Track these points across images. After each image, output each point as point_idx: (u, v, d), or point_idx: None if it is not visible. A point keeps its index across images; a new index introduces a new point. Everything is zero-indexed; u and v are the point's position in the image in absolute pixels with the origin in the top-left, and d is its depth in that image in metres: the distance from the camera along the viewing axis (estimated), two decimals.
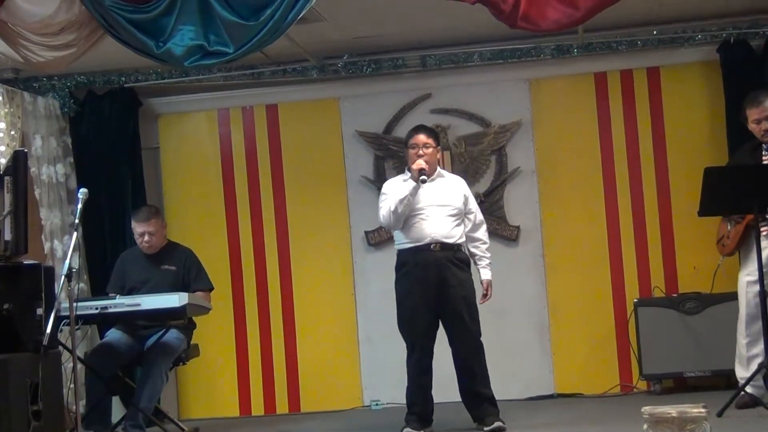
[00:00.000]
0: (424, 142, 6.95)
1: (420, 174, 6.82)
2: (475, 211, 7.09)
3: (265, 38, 6.35)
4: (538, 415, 7.62)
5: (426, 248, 6.84)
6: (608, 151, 8.58)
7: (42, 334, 5.54)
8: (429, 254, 6.83)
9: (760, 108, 6.95)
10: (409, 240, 6.92)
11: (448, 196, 6.95)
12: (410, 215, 6.87)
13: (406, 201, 6.81)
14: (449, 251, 6.86)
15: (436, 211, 6.87)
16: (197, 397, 8.96)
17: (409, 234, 6.91)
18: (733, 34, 8.21)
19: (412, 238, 6.90)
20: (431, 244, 6.83)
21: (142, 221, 7.55)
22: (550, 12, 6.05)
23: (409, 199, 6.82)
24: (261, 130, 9.02)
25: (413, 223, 6.88)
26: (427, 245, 6.83)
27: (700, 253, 8.16)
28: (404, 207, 6.82)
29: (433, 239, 6.82)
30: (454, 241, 6.89)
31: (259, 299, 8.93)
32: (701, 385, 8.02)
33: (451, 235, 6.87)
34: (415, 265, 6.89)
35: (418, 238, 6.87)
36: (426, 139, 6.97)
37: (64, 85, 8.64)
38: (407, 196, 6.81)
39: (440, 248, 6.83)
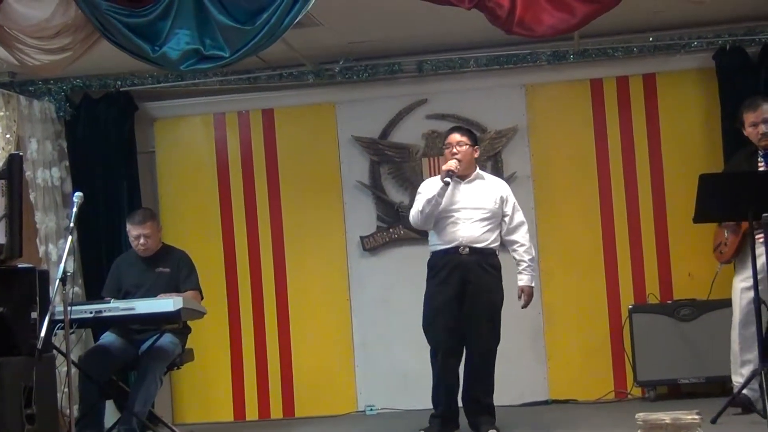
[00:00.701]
0: (457, 141, 6.95)
1: (447, 174, 6.81)
2: (510, 213, 7.03)
3: (261, 42, 6.35)
4: (533, 422, 7.62)
5: (454, 251, 6.84)
6: (604, 157, 8.59)
7: (36, 338, 5.52)
8: (457, 257, 6.83)
9: (758, 111, 6.97)
10: (441, 242, 6.92)
11: (482, 199, 6.94)
12: (442, 217, 6.88)
13: (433, 201, 6.82)
14: (479, 255, 6.85)
15: (468, 214, 6.87)
16: (191, 402, 8.95)
17: (440, 236, 6.92)
18: (729, 42, 8.23)
19: (443, 240, 6.90)
20: (459, 247, 6.83)
21: (137, 224, 7.55)
22: (546, 18, 6.06)
23: (437, 200, 6.82)
24: (257, 134, 9.02)
25: (444, 225, 6.89)
26: (455, 248, 6.84)
27: (695, 259, 8.17)
28: (432, 207, 6.82)
29: (462, 243, 6.82)
30: (485, 246, 6.87)
31: (254, 303, 8.92)
32: (695, 392, 8.02)
33: (481, 240, 6.86)
34: (442, 268, 6.89)
35: (448, 241, 6.87)
36: (460, 138, 6.97)
37: (60, 89, 8.63)
38: (434, 196, 6.82)
39: (469, 252, 6.82)
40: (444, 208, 6.86)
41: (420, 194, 7.00)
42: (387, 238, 8.76)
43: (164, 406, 8.60)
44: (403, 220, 8.65)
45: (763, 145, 6.98)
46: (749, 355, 6.89)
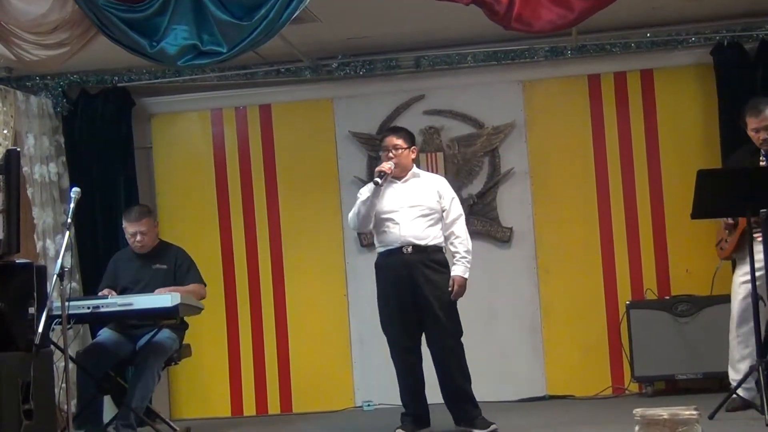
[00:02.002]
0: (393, 144, 6.94)
1: (378, 175, 6.80)
2: (448, 207, 6.94)
3: (259, 38, 6.35)
4: (530, 417, 7.62)
5: (398, 251, 6.81)
6: (601, 153, 8.59)
7: (34, 333, 5.52)
8: (401, 257, 6.80)
9: (760, 118, 6.96)
10: (383, 244, 6.91)
11: (419, 197, 6.90)
12: (382, 219, 6.86)
13: (368, 203, 6.81)
14: (422, 253, 6.80)
15: (407, 213, 6.83)
16: (189, 397, 8.95)
17: (382, 238, 6.91)
18: (727, 37, 8.23)
19: (385, 241, 6.88)
20: (403, 246, 6.79)
21: (133, 221, 7.55)
22: (544, 13, 6.06)
23: (371, 201, 6.80)
24: (254, 130, 9.01)
25: (385, 226, 6.87)
26: (399, 248, 6.80)
27: (692, 255, 8.18)
28: (367, 208, 6.82)
29: (405, 241, 6.79)
30: (428, 243, 6.82)
31: (252, 299, 8.92)
32: (693, 388, 8.03)
33: (423, 237, 6.81)
34: (387, 269, 6.87)
35: (390, 242, 6.85)
36: (396, 141, 6.95)
37: (57, 84, 8.63)
38: (368, 197, 6.81)
39: (413, 250, 6.79)
40: (383, 209, 6.85)
41: (359, 198, 6.98)
42: None
43: (162, 401, 8.60)
44: None
45: (765, 149, 6.99)
46: (746, 351, 6.90)
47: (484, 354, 8.19)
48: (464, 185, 8.65)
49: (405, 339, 6.88)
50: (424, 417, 6.94)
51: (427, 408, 6.96)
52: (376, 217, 6.88)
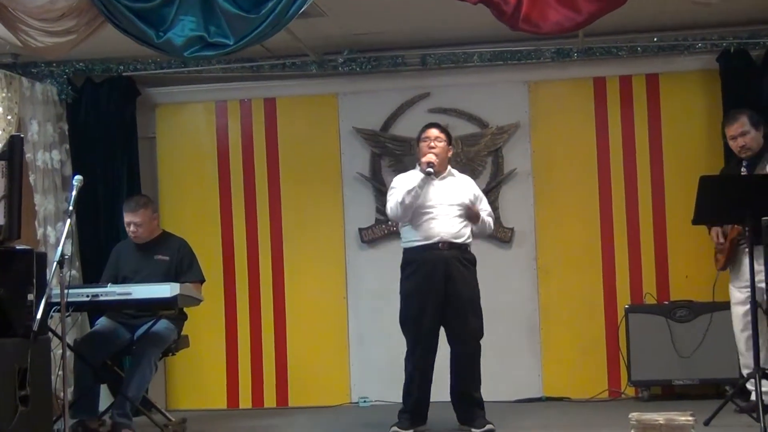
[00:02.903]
0: (435, 136, 6.99)
1: (428, 166, 6.82)
2: (486, 209, 7.10)
3: (266, 31, 6.35)
4: (526, 418, 7.62)
5: (434, 247, 6.84)
6: (605, 156, 8.59)
7: (32, 320, 5.53)
8: (437, 252, 6.83)
9: (735, 125, 7.14)
10: (418, 238, 6.91)
11: (458, 195, 6.96)
12: (420, 213, 6.88)
13: (414, 192, 6.82)
14: (457, 250, 6.87)
15: (445, 210, 6.88)
16: (185, 388, 8.96)
17: (419, 232, 6.91)
18: (734, 44, 8.22)
19: (421, 236, 6.89)
20: (439, 242, 6.83)
21: (129, 211, 7.54)
22: (551, 14, 6.07)
23: (417, 191, 6.82)
24: (258, 123, 9.01)
25: (423, 221, 6.89)
26: (435, 244, 6.84)
27: (693, 261, 8.18)
28: (412, 198, 6.82)
29: (442, 238, 6.83)
30: (462, 241, 6.90)
31: (251, 292, 8.92)
32: (689, 394, 8.02)
33: (459, 235, 6.88)
34: (422, 263, 6.88)
35: (426, 237, 6.87)
36: (438, 134, 7.01)
37: (63, 72, 8.63)
38: (415, 187, 6.82)
39: (448, 247, 6.84)
40: (421, 203, 6.87)
41: (395, 188, 7.00)
42: (386, 231, 8.76)
43: (158, 391, 8.61)
44: None
45: (743, 156, 7.14)
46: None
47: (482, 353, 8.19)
48: None
49: (430, 337, 6.90)
50: (424, 414, 6.96)
51: (427, 405, 6.97)
52: (414, 210, 6.90)
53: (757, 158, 7.11)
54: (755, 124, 7.11)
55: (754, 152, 7.12)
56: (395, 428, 6.85)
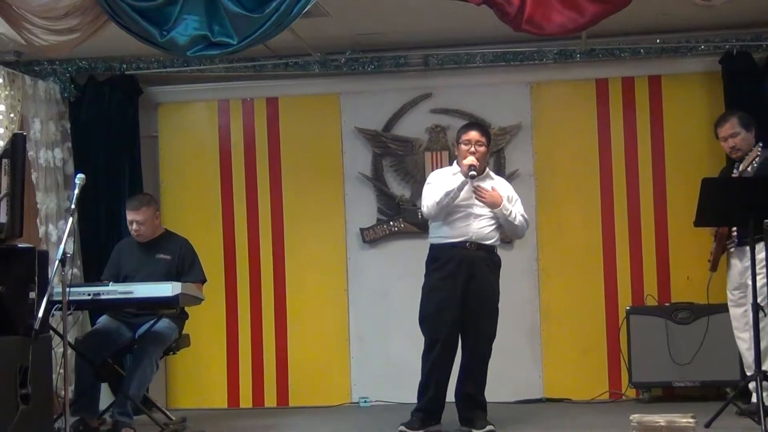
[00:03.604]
0: (477, 140, 6.96)
1: (470, 170, 6.82)
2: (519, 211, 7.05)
3: (269, 31, 6.36)
4: (526, 419, 7.61)
5: (462, 245, 6.84)
6: (607, 157, 8.59)
7: (34, 318, 5.53)
8: (464, 252, 6.84)
9: (725, 127, 7.20)
10: (448, 236, 6.91)
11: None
12: (453, 211, 6.88)
13: (452, 195, 6.81)
14: (484, 252, 6.88)
15: (478, 211, 6.89)
16: (186, 387, 8.96)
17: (450, 230, 6.91)
18: (736, 46, 8.23)
19: (451, 234, 6.89)
20: (467, 242, 6.84)
21: (132, 210, 7.54)
22: (555, 16, 6.07)
23: (456, 193, 6.82)
24: (260, 122, 9.01)
25: (455, 219, 6.89)
26: (463, 243, 6.84)
27: (694, 263, 8.16)
28: (450, 200, 6.82)
29: (471, 239, 6.84)
30: (491, 243, 6.92)
31: (252, 291, 8.92)
32: (690, 396, 8.02)
33: (488, 237, 6.90)
34: (448, 261, 6.88)
35: (456, 235, 6.87)
36: (479, 137, 6.98)
37: (65, 70, 8.63)
38: (454, 189, 6.82)
39: (476, 248, 6.84)
40: (457, 203, 6.87)
41: (430, 184, 7.00)
42: (387, 231, 8.76)
43: (159, 390, 8.62)
44: (403, 213, 8.67)
45: (734, 157, 7.22)
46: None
47: None
48: None
49: (450, 334, 6.88)
50: (438, 414, 6.96)
51: (443, 405, 6.97)
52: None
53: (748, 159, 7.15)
54: (745, 126, 7.14)
55: (744, 153, 7.17)
56: (403, 427, 6.84)
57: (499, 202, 6.88)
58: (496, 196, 6.89)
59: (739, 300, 7.22)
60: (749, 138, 7.15)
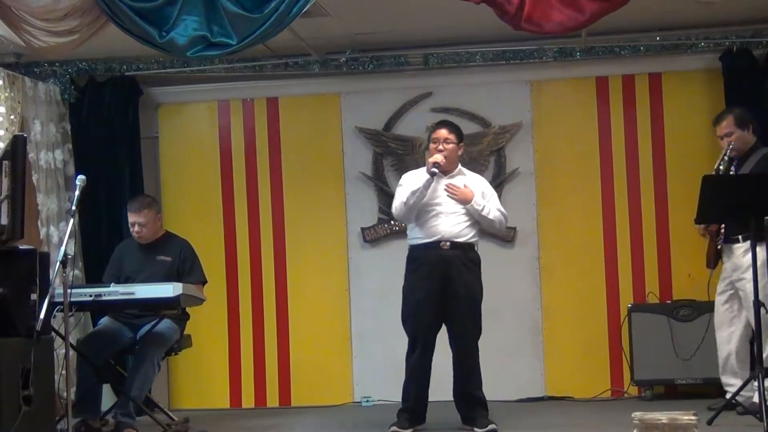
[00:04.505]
0: (444, 137, 6.98)
1: (433, 166, 6.83)
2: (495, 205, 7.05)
3: (269, 31, 6.37)
4: (529, 417, 7.63)
5: (436, 245, 6.85)
6: (607, 155, 8.59)
7: (35, 320, 5.53)
8: (439, 252, 6.84)
9: (722, 125, 7.25)
10: (421, 236, 6.93)
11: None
12: (424, 211, 6.90)
13: (418, 193, 6.83)
14: (459, 250, 6.87)
15: (450, 209, 6.89)
16: (188, 388, 8.96)
17: (422, 230, 6.93)
18: (736, 43, 8.23)
19: (424, 234, 6.91)
20: (441, 241, 6.84)
21: (133, 212, 7.55)
22: (554, 14, 6.07)
23: (422, 192, 6.83)
24: (261, 122, 9.01)
25: (426, 219, 6.90)
26: (437, 242, 6.85)
27: (695, 260, 8.13)
28: (416, 199, 6.84)
29: (444, 237, 6.84)
30: (465, 240, 6.91)
31: (253, 292, 8.92)
32: (692, 393, 8.02)
33: (462, 234, 6.89)
34: (423, 262, 6.90)
35: (429, 235, 6.88)
36: (447, 135, 7.00)
37: (65, 72, 8.63)
38: (420, 188, 6.84)
39: (450, 247, 6.84)
40: (426, 202, 6.89)
41: (402, 186, 7.03)
42: (388, 230, 8.76)
43: (161, 391, 8.61)
44: None
45: (731, 155, 7.23)
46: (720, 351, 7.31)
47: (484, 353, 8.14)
48: None
49: (427, 334, 6.91)
50: (421, 414, 6.98)
51: (426, 405, 6.98)
52: (419, 209, 6.90)
53: (746, 157, 7.18)
54: (741, 125, 7.16)
55: (740, 151, 7.20)
56: (395, 428, 6.86)
57: (470, 198, 6.88)
58: (467, 193, 6.90)
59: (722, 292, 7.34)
60: (744, 136, 7.17)
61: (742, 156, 7.18)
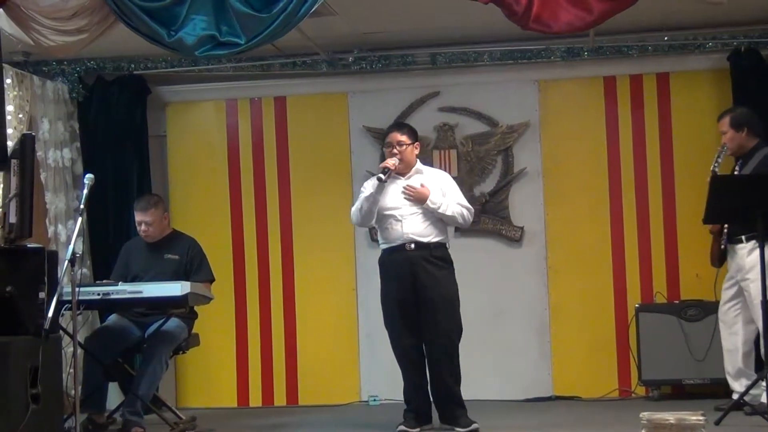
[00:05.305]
0: (398, 140, 6.94)
1: (382, 171, 6.82)
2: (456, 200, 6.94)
3: (277, 30, 6.37)
4: (536, 417, 7.62)
5: (401, 248, 6.84)
6: (615, 155, 8.58)
7: (43, 318, 5.55)
8: (404, 254, 6.82)
9: (719, 124, 7.30)
10: (386, 240, 6.93)
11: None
12: (385, 216, 6.89)
13: (371, 199, 6.84)
14: (425, 250, 6.82)
15: (409, 210, 6.86)
16: (196, 387, 8.97)
17: (386, 235, 6.93)
18: (744, 43, 8.22)
19: (388, 238, 6.91)
20: (405, 243, 6.82)
21: (140, 210, 7.56)
22: (562, 14, 6.07)
23: (374, 197, 6.84)
24: (268, 122, 9.02)
25: (387, 223, 6.90)
26: (401, 245, 6.83)
27: (703, 260, 8.11)
28: (369, 204, 6.85)
29: (407, 238, 6.81)
30: (430, 240, 6.85)
31: (261, 291, 8.93)
32: (699, 393, 8.01)
33: (426, 234, 6.84)
34: (391, 265, 6.90)
35: (393, 239, 6.88)
36: (400, 137, 6.96)
37: (74, 70, 8.64)
38: (372, 193, 6.84)
39: (415, 247, 6.81)
40: (386, 206, 6.87)
41: (362, 192, 7.02)
42: None
43: (168, 390, 8.62)
44: None
45: (728, 154, 7.26)
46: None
47: (492, 352, 8.21)
48: (477, 183, 8.66)
49: (407, 336, 6.90)
50: (426, 413, 6.96)
51: (429, 404, 6.97)
52: (379, 213, 6.90)
53: (748, 157, 7.17)
54: (736, 125, 7.17)
55: (734, 152, 7.24)
56: (402, 427, 6.85)
57: (425, 198, 6.82)
58: (421, 192, 6.84)
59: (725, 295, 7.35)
60: (738, 138, 7.18)
61: (745, 156, 7.17)
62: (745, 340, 7.22)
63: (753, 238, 6.87)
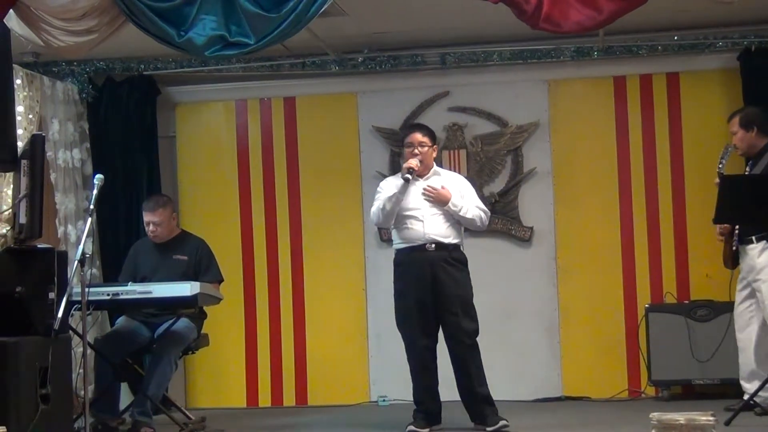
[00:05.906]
0: (419, 141, 6.99)
1: (407, 171, 6.83)
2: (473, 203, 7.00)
3: (287, 31, 6.37)
4: (545, 417, 7.61)
5: (421, 248, 6.85)
6: (625, 155, 8.57)
7: (53, 319, 5.56)
8: (424, 254, 6.84)
9: (729, 123, 7.31)
10: (406, 240, 6.94)
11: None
12: (405, 216, 6.91)
13: (394, 199, 6.86)
14: (444, 251, 6.86)
15: (430, 211, 6.88)
16: (205, 387, 8.98)
17: (404, 235, 6.94)
18: (755, 43, 8.20)
19: (408, 238, 6.92)
20: (426, 243, 6.84)
21: (148, 211, 7.57)
22: (572, 14, 6.06)
23: (398, 197, 6.86)
24: (278, 122, 9.02)
25: (407, 223, 6.91)
26: (422, 245, 6.85)
27: (713, 260, 8.11)
28: (392, 204, 6.87)
29: (428, 239, 6.84)
30: (450, 241, 6.89)
31: (270, 291, 8.93)
32: (709, 393, 8.00)
33: (446, 235, 6.88)
34: (410, 265, 6.90)
35: (413, 239, 6.89)
36: (421, 138, 7.00)
37: (83, 71, 8.65)
38: (395, 193, 6.86)
39: (435, 248, 6.84)
40: (406, 206, 6.89)
41: (380, 192, 7.03)
42: None
43: (178, 390, 8.63)
44: None
45: (739, 154, 7.27)
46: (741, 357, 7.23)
47: (501, 352, 8.19)
48: (486, 183, 8.65)
49: (422, 337, 6.90)
50: (436, 414, 6.97)
51: (439, 405, 6.99)
52: (398, 213, 6.90)
53: (758, 157, 7.16)
54: (746, 125, 7.16)
55: (744, 152, 7.24)
56: (411, 427, 6.85)
57: (447, 200, 6.87)
58: (443, 194, 6.88)
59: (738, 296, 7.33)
60: (747, 138, 7.17)
61: (756, 156, 7.15)
62: (759, 342, 7.19)
63: (764, 239, 6.86)
